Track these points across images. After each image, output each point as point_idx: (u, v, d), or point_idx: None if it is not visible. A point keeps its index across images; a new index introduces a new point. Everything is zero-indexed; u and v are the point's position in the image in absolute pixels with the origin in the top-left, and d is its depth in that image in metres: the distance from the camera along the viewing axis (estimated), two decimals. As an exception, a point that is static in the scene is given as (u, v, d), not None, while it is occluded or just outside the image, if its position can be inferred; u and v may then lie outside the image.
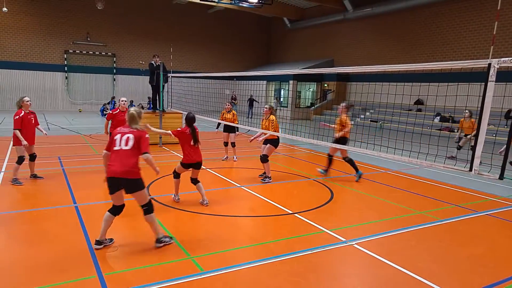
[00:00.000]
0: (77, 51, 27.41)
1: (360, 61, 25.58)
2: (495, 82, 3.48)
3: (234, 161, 10.49)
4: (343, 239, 5.10)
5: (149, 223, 4.66)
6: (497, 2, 17.41)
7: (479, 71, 3.56)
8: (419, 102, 21.69)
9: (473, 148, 3.71)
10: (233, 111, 10.33)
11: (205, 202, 6.38)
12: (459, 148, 11.27)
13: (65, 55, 26.95)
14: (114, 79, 29.00)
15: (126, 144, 4.42)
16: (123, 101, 8.55)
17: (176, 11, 30.21)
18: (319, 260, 4.49)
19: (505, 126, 13.99)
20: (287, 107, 28.10)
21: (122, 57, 29.12)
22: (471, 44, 19.69)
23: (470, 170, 3.71)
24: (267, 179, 8.18)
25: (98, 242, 4.57)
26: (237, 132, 10.63)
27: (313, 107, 27.73)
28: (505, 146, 8.03)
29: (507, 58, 3.27)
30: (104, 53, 28.40)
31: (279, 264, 4.31)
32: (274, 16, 32.04)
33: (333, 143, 7.98)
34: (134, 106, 24.89)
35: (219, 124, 10.54)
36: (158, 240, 4.67)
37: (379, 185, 8.43)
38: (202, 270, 4.08)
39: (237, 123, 10.31)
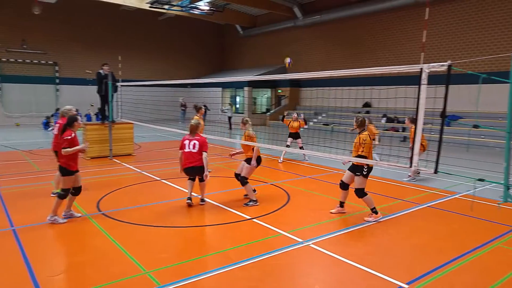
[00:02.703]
0: (11, 60, 25.51)
1: (311, 67, 26.34)
2: (427, 85, 3.82)
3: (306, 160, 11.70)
4: (300, 240, 5.26)
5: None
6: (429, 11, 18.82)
7: (414, 75, 3.87)
8: (367, 104, 22.66)
9: (412, 147, 4.02)
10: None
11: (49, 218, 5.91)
12: None
13: (-4, 64, 24.83)
14: (57, 90, 27.47)
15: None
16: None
17: (124, 17, 29.50)
18: (277, 263, 4.60)
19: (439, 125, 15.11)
20: (243, 113, 28.32)
21: (65, 66, 27.74)
22: (409, 50, 20.92)
23: (410, 166, 4.02)
24: (251, 202, 7.07)
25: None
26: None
27: (269, 113, 28.14)
28: (416, 145, 8.67)
29: (435, 64, 3.59)
30: (44, 62, 26.81)
31: (238, 271, 4.36)
32: (227, 23, 32.27)
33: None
34: (80, 115, 24.02)
35: None
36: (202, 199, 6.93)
37: (333, 185, 8.74)
38: (159, 284, 4.01)
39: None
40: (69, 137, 5.76)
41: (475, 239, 5.37)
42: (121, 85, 12.44)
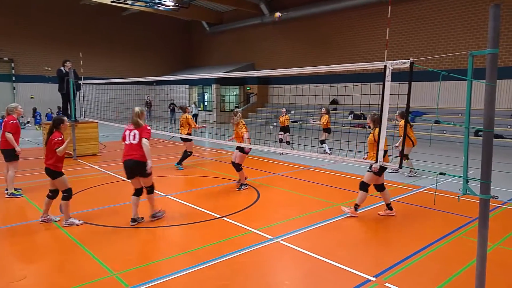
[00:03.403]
0: (-40, 56, 24.04)
1: (279, 64, 26.45)
2: (391, 81, 3.91)
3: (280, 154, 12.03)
4: (270, 237, 5.27)
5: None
6: (391, 10, 19.38)
7: (379, 72, 3.95)
8: (334, 101, 23.03)
9: (378, 142, 4.10)
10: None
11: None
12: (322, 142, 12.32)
13: None
14: (14, 88, 26.17)
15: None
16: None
17: (86, 12, 28.53)
18: (247, 260, 4.59)
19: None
20: (211, 111, 28.09)
21: (23, 63, 26.42)
22: (374, 48, 21.44)
23: (376, 161, 4.10)
24: (242, 186, 7.99)
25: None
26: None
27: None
28: (400, 139, 8.92)
29: (399, 61, 3.68)
30: (-1, 58, 25.47)
31: (207, 270, 4.32)
32: (193, 19, 31.85)
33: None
34: (39, 113, 23.18)
35: None
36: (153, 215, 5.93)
37: (302, 181, 8.84)
38: (127, 286, 3.93)
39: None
40: (60, 138, 5.67)
41: (438, 231, 5.56)
42: (83, 83, 12.06)
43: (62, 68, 11.49)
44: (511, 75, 16.27)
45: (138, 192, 5.88)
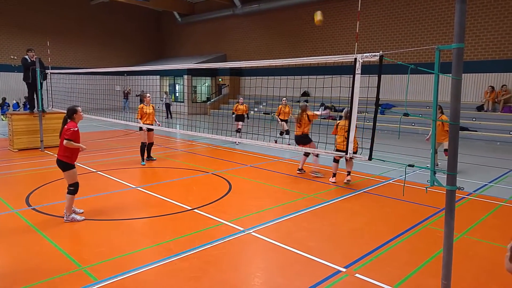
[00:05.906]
0: None
1: (251, 56, 26.34)
2: (361, 74, 3.94)
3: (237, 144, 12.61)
4: (241, 229, 5.25)
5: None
6: (361, 3, 19.68)
7: (349, 65, 3.96)
8: (306, 93, 23.17)
9: (347, 134, 4.13)
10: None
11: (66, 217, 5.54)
12: (281, 133, 12.80)
13: None
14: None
15: None
16: None
17: (54, 0, 27.45)
18: (219, 252, 4.56)
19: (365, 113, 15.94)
20: (183, 102, 27.70)
21: (-14, 51, 25.24)
22: (344, 41, 21.67)
23: (346, 153, 4.13)
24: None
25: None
26: None
27: (209, 102, 27.82)
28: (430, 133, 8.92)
29: (368, 54, 3.70)
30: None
31: (179, 262, 4.27)
32: (164, 10, 31.19)
33: None
34: (7, 104, 22.30)
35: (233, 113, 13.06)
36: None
37: (273, 173, 8.86)
38: (96, 280, 3.83)
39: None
40: (75, 128, 5.43)
41: (406, 222, 5.71)
42: (51, 73, 11.67)
43: (26, 57, 11.12)
44: (476, 69, 16.84)
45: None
